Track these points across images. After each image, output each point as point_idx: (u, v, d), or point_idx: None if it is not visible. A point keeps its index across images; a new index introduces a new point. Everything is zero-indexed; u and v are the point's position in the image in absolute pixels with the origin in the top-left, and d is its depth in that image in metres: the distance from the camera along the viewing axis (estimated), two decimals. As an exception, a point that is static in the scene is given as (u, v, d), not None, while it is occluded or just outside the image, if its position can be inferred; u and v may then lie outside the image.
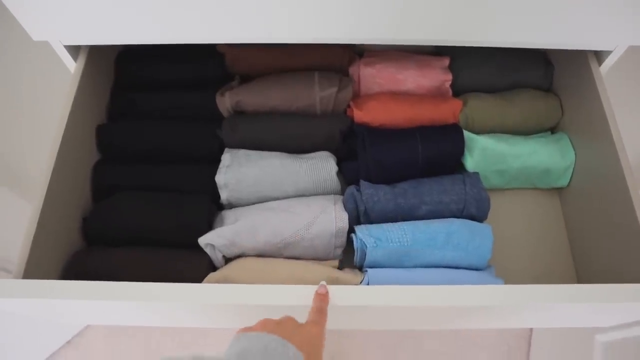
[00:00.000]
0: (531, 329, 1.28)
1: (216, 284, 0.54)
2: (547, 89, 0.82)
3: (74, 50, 0.71)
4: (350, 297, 0.53)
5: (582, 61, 0.74)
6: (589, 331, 0.96)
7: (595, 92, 0.70)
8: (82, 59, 0.71)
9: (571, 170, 0.76)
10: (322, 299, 0.51)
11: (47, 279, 0.54)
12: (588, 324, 0.72)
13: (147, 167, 0.73)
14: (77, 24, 0.63)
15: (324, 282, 0.53)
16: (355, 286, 0.54)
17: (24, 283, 0.53)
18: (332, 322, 0.72)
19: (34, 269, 0.58)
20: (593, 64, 0.72)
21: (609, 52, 0.70)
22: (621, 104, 0.74)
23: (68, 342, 1.29)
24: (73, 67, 0.71)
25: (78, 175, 0.70)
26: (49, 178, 0.62)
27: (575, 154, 0.75)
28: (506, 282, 0.63)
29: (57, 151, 0.64)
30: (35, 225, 0.59)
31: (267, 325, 0.43)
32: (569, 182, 0.77)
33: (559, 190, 0.80)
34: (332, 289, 0.53)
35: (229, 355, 0.37)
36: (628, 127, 0.74)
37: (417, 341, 1.29)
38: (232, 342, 0.41)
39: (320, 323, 0.48)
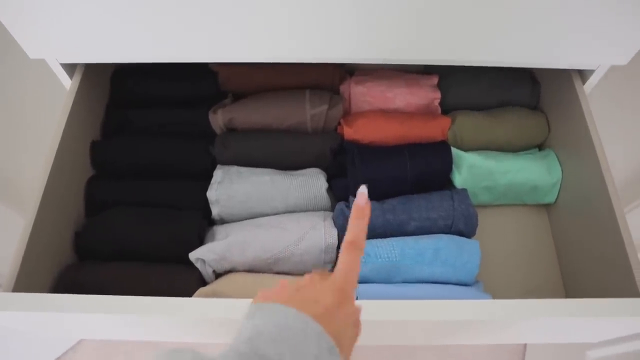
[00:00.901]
0: (525, 347, 1.27)
1: (206, 298, 0.54)
2: (534, 107, 0.83)
3: (70, 67, 0.73)
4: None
5: (566, 80, 0.75)
6: (579, 348, 0.96)
7: (580, 110, 0.72)
8: (77, 76, 0.73)
9: (558, 186, 0.77)
10: (361, 216, 0.40)
11: (38, 292, 0.54)
12: (577, 339, 0.72)
13: (140, 182, 0.74)
14: (73, 42, 0.64)
15: (364, 187, 0.41)
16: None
17: (14, 296, 0.53)
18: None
19: (25, 283, 0.59)
20: (577, 83, 0.74)
21: (592, 71, 0.71)
22: (605, 121, 0.76)
23: (58, 359, 1.28)
24: (69, 84, 0.73)
25: (71, 190, 0.71)
26: (42, 192, 0.63)
27: (562, 170, 0.76)
28: (494, 298, 0.64)
29: (51, 166, 0.65)
30: (27, 239, 0.60)
31: (284, 292, 0.36)
32: (556, 199, 0.78)
33: (546, 206, 0.82)
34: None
35: (239, 344, 0.30)
36: (613, 144, 0.76)
37: (410, 356, 1.29)
38: (244, 323, 0.33)
39: (354, 253, 0.39)
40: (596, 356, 0.92)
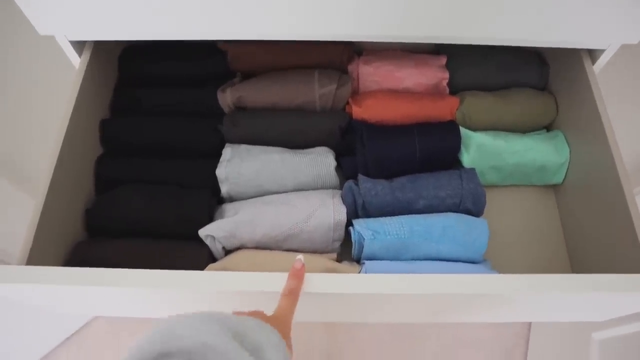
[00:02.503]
0: (529, 329, 1.28)
1: (219, 271, 0.55)
2: (543, 88, 0.83)
3: (79, 45, 0.73)
4: (346, 285, 0.54)
5: (576, 60, 0.75)
6: (585, 329, 0.96)
7: (589, 90, 0.72)
8: (86, 55, 0.73)
9: (566, 166, 0.77)
10: (296, 275, 0.52)
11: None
12: (583, 317, 0.73)
13: (149, 161, 0.74)
14: (82, 19, 0.64)
15: (300, 257, 0.55)
16: (351, 274, 0.55)
17: (27, 269, 0.54)
18: (329, 314, 0.73)
19: (37, 259, 0.59)
20: (587, 63, 0.73)
21: (602, 51, 0.71)
22: (615, 102, 0.76)
23: (68, 339, 1.30)
24: (77, 62, 0.73)
25: (81, 168, 0.71)
26: (52, 170, 0.63)
27: (570, 151, 0.76)
28: (502, 275, 0.64)
29: (60, 144, 0.65)
30: (38, 216, 0.61)
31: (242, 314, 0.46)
32: (564, 179, 0.78)
33: (554, 187, 0.82)
34: (329, 278, 0.54)
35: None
36: (622, 124, 0.76)
37: (415, 341, 1.30)
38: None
39: (291, 298, 0.50)
40: (602, 337, 0.93)
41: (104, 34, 0.68)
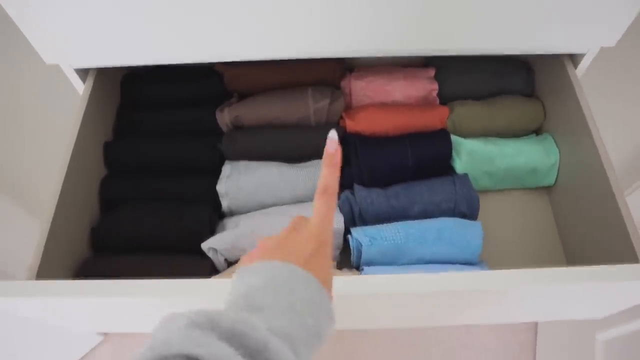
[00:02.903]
0: (535, 335, 1.28)
1: (225, 279, 0.56)
2: (530, 94, 0.86)
3: (83, 73, 0.76)
4: (345, 286, 0.55)
5: (559, 66, 0.78)
6: (589, 331, 0.97)
7: (573, 93, 0.74)
8: (89, 81, 0.76)
9: (557, 167, 0.79)
10: (331, 163, 0.43)
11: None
12: (583, 314, 0.74)
13: (151, 180, 0.77)
14: (85, 47, 0.68)
15: (334, 132, 0.44)
16: (350, 276, 0.56)
17: (38, 283, 0.55)
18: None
19: (45, 276, 0.62)
20: (569, 67, 0.76)
21: (582, 55, 0.74)
22: (602, 103, 0.78)
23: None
24: (82, 88, 0.76)
25: (86, 189, 0.74)
26: (59, 191, 0.66)
27: (560, 152, 0.79)
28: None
29: (67, 166, 0.68)
30: (46, 235, 0.63)
31: (266, 250, 0.37)
32: (556, 181, 0.80)
33: (547, 189, 0.84)
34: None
35: (236, 298, 0.33)
36: (608, 124, 0.78)
37: (419, 350, 1.30)
38: (235, 283, 0.35)
39: (327, 200, 0.40)
40: (606, 338, 0.93)
41: (106, 60, 0.72)
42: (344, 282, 0.55)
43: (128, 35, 0.66)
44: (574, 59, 0.77)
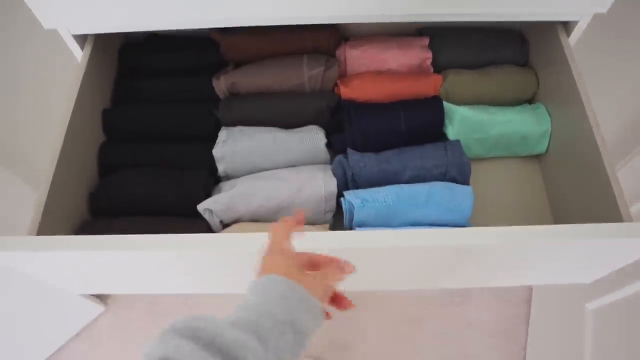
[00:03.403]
0: (529, 310, 1.30)
1: (227, 234, 0.58)
2: (524, 63, 0.87)
3: (81, 39, 0.77)
4: (337, 239, 0.57)
5: (552, 34, 0.79)
6: (579, 301, 0.99)
7: (566, 62, 0.75)
8: (88, 48, 0.77)
9: (548, 136, 0.80)
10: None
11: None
12: (571, 278, 0.75)
13: (149, 146, 0.79)
14: (84, 12, 0.69)
15: (300, 210, 0.51)
16: (342, 232, 0.58)
17: (41, 238, 0.57)
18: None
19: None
20: (562, 36, 0.77)
21: (575, 23, 0.75)
22: (592, 72, 0.79)
23: (77, 335, 1.33)
24: (80, 56, 0.78)
25: (85, 155, 0.76)
26: (57, 157, 0.67)
27: (552, 122, 0.80)
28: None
29: (64, 133, 0.69)
30: (45, 198, 0.64)
31: (263, 269, 0.45)
32: (547, 149, 0.81)
33: (538, 157, 0.85)
34: (323, 235, 0.57)
35: (254, 307, 0.39)
36: (599, 94, 0.79)
37: (416, 324, 1.32)
38: (248, 296, 0.41)
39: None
40: (595, 307, 0.95)
41: (104, 26, 0.73)
42: (337, 237, 0.57)
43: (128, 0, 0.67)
44: (567, 27, 0.77)
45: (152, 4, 0.67)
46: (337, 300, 0.48)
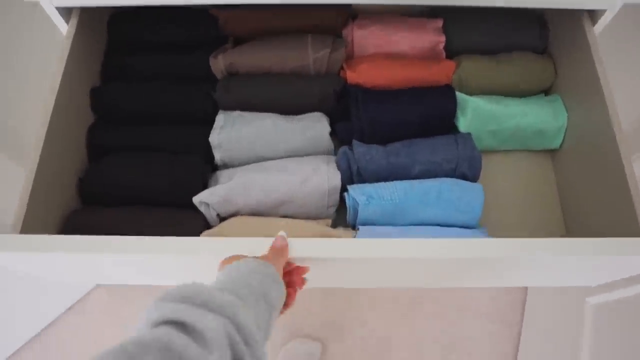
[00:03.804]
0: (525, 294, 1.30)
1: (214, 237, 0.55)
2: (542, 51, 0.81)
3: (66, 12, 0.71)
4: (339, 249, 0.54)
5: (576, 21, 0.73)
6: (579, 294, 0.97)
7: (589, 53, 0.70)
8: (74, 21, 0.71)
9: (563, 131, 0.76)
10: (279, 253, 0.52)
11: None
12: (577, 282, 0.73)
13: (142, 128, 0.74)
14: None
15: (283, 233, 0.54)
16: (344, 239, 0.55)
17: (22, 238, 0.53)
18: (326, 280, 0.73)
19: (30, 228, 0.59)
20: (587, 24, 0.72)
21: (602, 12, 0.69)
22: (616, 67, 0.74)
23: (69, 309, 1.31)
24: (65, 29, 0.71)
25: (73, 137, 0.71)
26: (43, 138, 0.63)
27: (568, 115, 0.75)
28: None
29: (50, 113, 0.64)
30: (30, 185, 0.60)
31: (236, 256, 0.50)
32: (562, 144, 0.77)
33: (551, 152, 0.81)
34: (323, 242, 0.54)
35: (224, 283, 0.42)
36: (622, 89, 0.74)
37: (413, 307, 1.31)
38: (220, 275, 0.45)
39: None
40: (596, 302, 0.94)
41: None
42: (339, 245, 0.54)
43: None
44: (593, 15, 0.72)
45: None
46: (292, 271, 0.55)
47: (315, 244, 0.54)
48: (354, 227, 0.68)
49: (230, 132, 0.70)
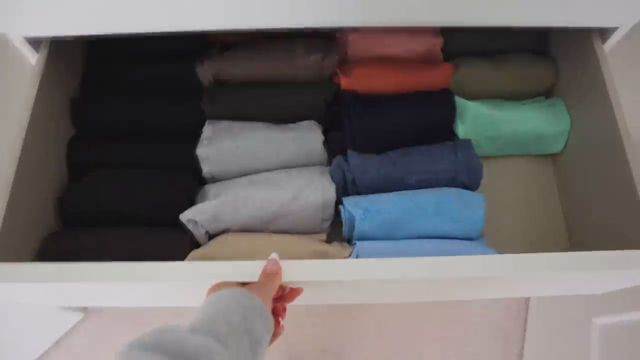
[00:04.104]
0: (526, 311, 1.25)
1: (199, 262, 0.52)
2: (542, 51, 0.78)
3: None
4: (336, 271, 0.51)
5: (585, 37, 0.68)
6: (585, 314, 0.94)
7: (598, 69, 0.65)
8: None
9: (565, 136, 0.73)
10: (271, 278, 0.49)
11: (20, 262, 0.51)
12: (582, 291, 0.71)
13: (125, 142, 0.70)
14: (38, 14, 0.56)
15: (275, 255, 0.50)
16: (342, 260, 0.52)
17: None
18: (324, 296, 0.70)
19: (5, 253, 0.55)
20: (597, 42, 0.67)
21: (614, 29, 0.64)
22: (626, 81, 0.70)
23: (56, 343, 1.24)
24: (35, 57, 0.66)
25: (51, 153, 0.67)
26: (17, 156, 0.58)
27: (572, 120, 0.72)
28: (498, 251, 0.61)
29: (25, 129, 0.60)
30: (4, 207, 0.56)
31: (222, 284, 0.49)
32: (564, 148, 0.75)
33: (552, 156, 0.78)
34: (320, 264, 0.51)
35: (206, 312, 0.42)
36: (632, 105, 0.70)
37: (414, 326, 1.27)
38: (201, 309, 0.43)
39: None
40: (602, 323, 0.90)
41: (63, 29, 0.60)
42: (336, 267, 0.51)
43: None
44: (603, 32, 0.67)
45: (116, 6, 0.55)
46: (285, 296, 0.52)
47: (309, 267, 0.51)
48: (350, 241, 0.65)
49: (218, 145, 0.67)
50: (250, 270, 0.50)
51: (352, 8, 0.56)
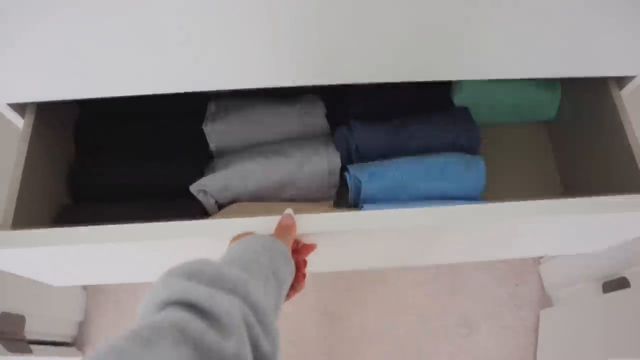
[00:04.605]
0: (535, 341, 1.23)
1: (217, 219, 0.53)
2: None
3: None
4: (348, 222, 0.52)
5: (601, 85, 0.67)
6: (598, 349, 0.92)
7: (615, 112, 0.64)
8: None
9: (558, 102, 0.76)
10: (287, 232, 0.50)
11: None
12: (582, 249, 0.73)
13: (134, 122, 0.71)
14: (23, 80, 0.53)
15: (290, 211, 0.51)
16: (352, 212, 0.53)
17: (15, 233, 0.51)
18: (333, 260, 0.72)
19: (22, 225, 0.56)
20: (613, 89, 0.66)
21: (631, 78, 0.63)
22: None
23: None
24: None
25: (60, 136, 0.68)
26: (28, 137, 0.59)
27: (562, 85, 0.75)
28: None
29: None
30: (19, 181, 0.57)
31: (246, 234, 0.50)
32: (558, 113, 0.77)
33: (547, 124, 0.81)
34: (331, 216, 0.52)
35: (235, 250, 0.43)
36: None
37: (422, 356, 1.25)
38: (229, 250, 0.44)
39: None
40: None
41: (48, 94, 0.56)
42: (350, 217, 0.52)
43: (71, 67, 0.51)
44: (620, 80, 0.65)
45: (108, 69, 0.52)
46: (300, 250, 0.53)
47: (321, 219, 0.52)
48: (356, 206, 0.67)
49: (223, 119, 0.68)
50: (267, 224, 0.51)
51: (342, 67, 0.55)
